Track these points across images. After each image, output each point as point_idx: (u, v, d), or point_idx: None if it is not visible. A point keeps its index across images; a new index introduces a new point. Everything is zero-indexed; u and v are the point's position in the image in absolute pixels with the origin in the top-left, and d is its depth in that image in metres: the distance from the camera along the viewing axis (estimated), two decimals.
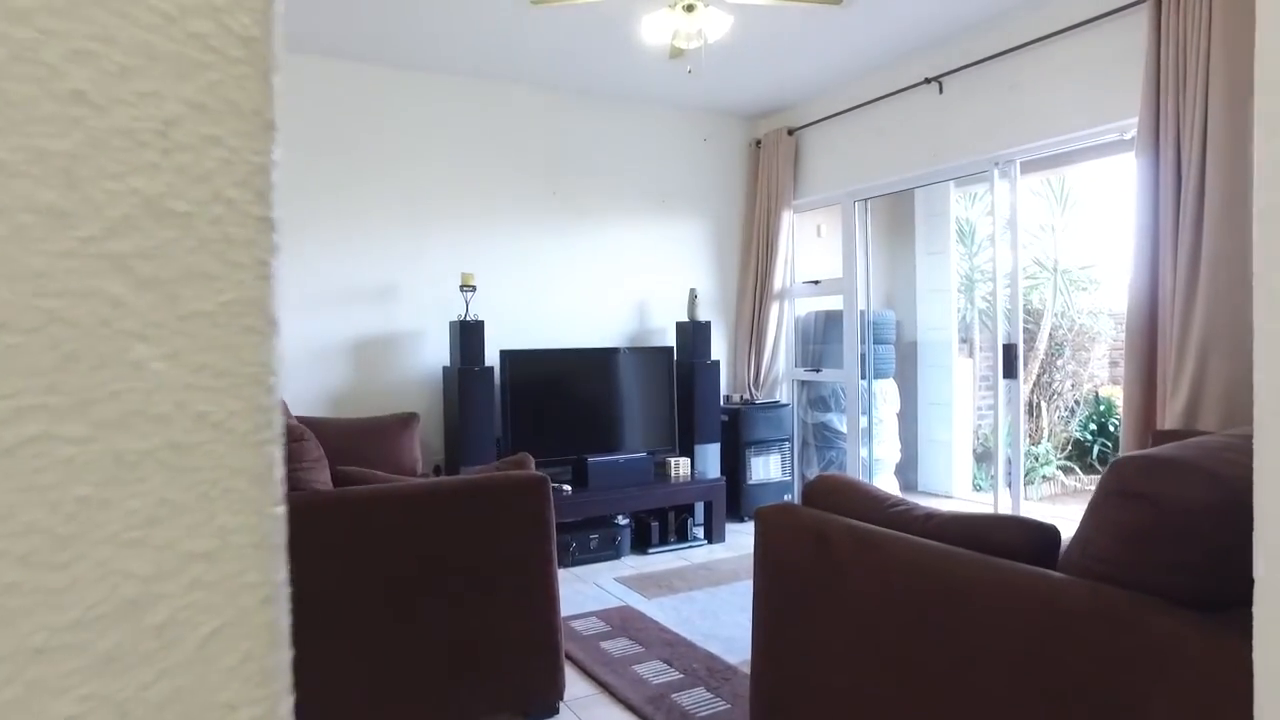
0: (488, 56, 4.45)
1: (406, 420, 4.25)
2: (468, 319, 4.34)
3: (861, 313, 5.13)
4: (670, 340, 5.33)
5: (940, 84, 4.32)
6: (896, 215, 6.10)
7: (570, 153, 5.05)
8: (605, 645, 3.02)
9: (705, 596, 3.61)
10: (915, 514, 1.55)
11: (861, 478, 5.03)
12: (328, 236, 4.39)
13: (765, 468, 5.18)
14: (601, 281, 5.15)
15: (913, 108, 4.52)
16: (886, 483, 5.46)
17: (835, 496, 1.76)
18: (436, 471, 4.63)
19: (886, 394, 5.54)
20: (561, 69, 4.66)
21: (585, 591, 3.75)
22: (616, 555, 4.31)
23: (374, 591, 2.09)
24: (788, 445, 5.27)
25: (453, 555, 2.22)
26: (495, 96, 4.82)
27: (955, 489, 5.75)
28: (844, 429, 5.32)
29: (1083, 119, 3.67)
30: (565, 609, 3.48)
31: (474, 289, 4.49)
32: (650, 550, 4.44)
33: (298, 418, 4.03)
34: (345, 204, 4.43)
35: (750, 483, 5.11)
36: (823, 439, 5.53)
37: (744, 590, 3.64)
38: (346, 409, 4.42)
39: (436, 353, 4.66)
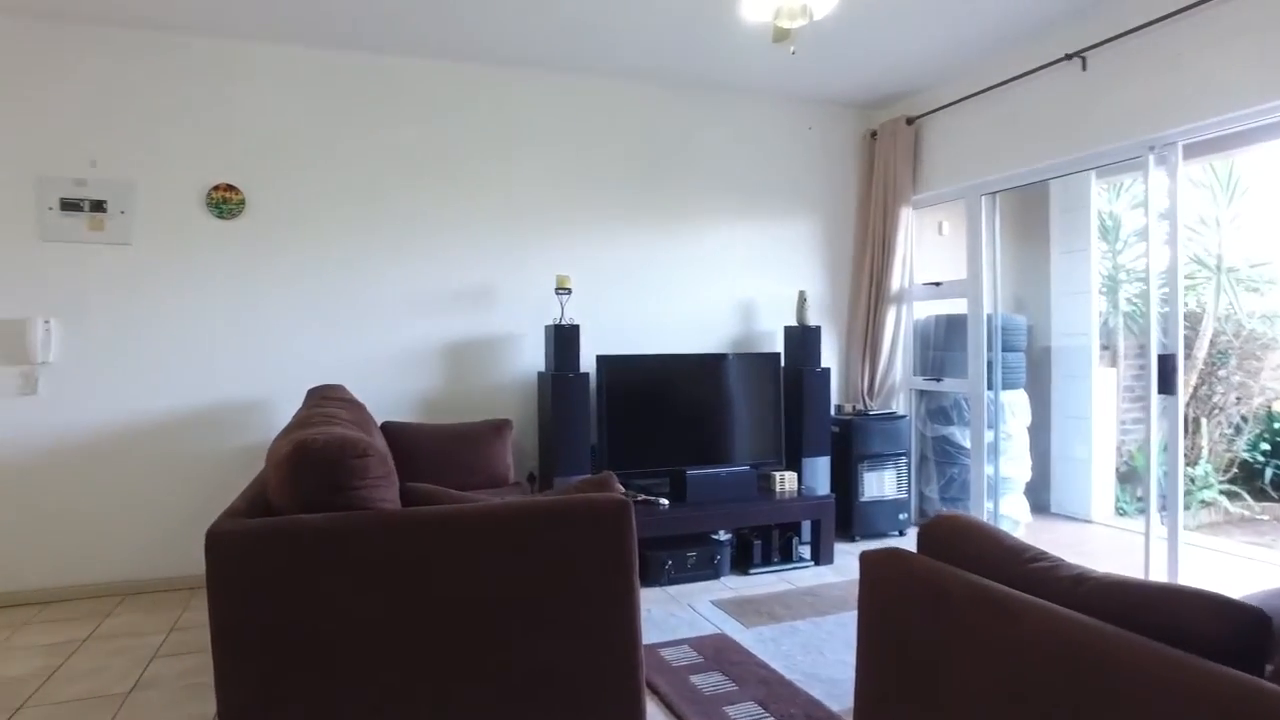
0: (581, 50, 4.30)
1: (499, 427, 4.16)
2: (563, 323, 4.20)
3: (988, 317, 4.68)
4: (777, 346, 5.04)
5: (1084, 59, 3.85)
6: (1028, 210, 5.57)
7: (670, 149, 4.84)
8: (695, 680, 2.79)
9: (809, 628, 3.31)
10: (1062, 574, 1.25)
11: (987, 500, 4.58)
12: (423, 239, 4.35)
13: (879, 484, 4.81)
14: (703, 284, 4.92)
15: (1051, 88, 4.06)
16: (1015, 504, 4.97)
17: (958, 543, 1.47)
18: (530, 480, 4.52)
19: (1016, 406, 5.05)
20: (658, 60, 4.45)
21: (679, 615, 3.53)
22: (715, 575, 4.07)
23: (438, 619, 1.95)
24: (904, 460, 4.87)
25: (525, 583, 2.04)
26: (591, 92, 4.67)
27: (1095, 512, 5.18)
28: (967, 444, 4.87)
29: (1258, 93, 3.15)
30: (656, 634, 3.29)
31: (569, 292, 4.36)
32: (752, 571, 4.17)
33: (388, 423, 4.01)
34: (441, 206, 4.38)
35: (862, 500, 4.76)
36: (943, 454, 5.09)
37: (853, 623, 3.33)
38: (440, 414, 4.37)
39: (532, 358, 4.56)
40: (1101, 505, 5.19)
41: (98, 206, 3.85)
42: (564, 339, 4.18)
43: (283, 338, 4.13)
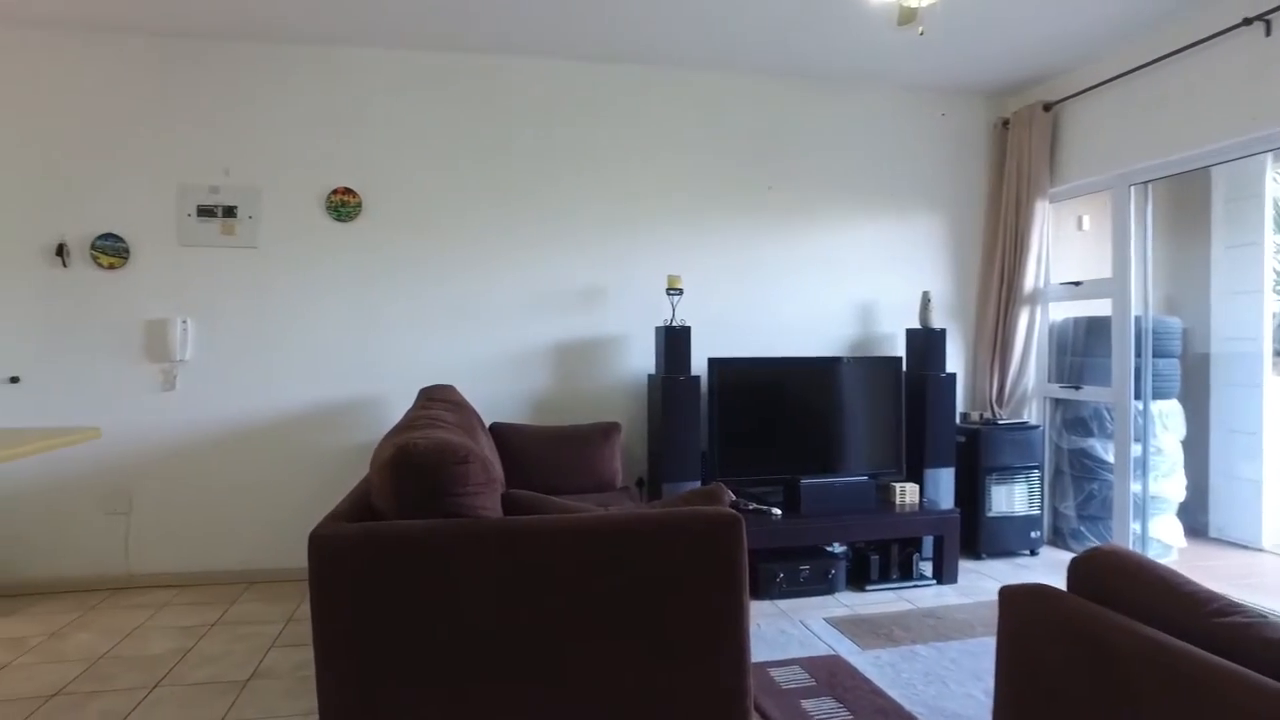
0: (696, 45, 4.18)
1: (608, 430, 4.10)
2: (674, 324, 4.10)
3: (1137, 319, 4.26)
4: (899, 349, 4.77)
5: (1268, 23, 3.41)
6: (1184, 201, 5.05)
7: (787, 144, 4.65)
8: (807, 705, 2.63)
9: (932, 654, 3.08)
10: (1264, 634, 1.03)
11: (1133, 521, 4.17)
12: (536, 240, 4.35)
13: (1009, 499, 4.46)
14: (820, 284, 4.71)
15: (1223, 60, 3.64)
16: (1167, 527, 4.51)
17: (1120, 584, 1.27)
18: (638, 485, 4.45)
19: (1168, 417, 4.58)
20: (774, 53, 4.28)
21: (790, 632, 3.36)
22: (829, 590, 3.87)
23: (535, 632, 1.88)
24: (1037, 474, 4.50)
25: (628, 598, 1.95)
26: (705, 88, 4.54)
27: (1265, 539, 4.64)
28: (1110, 458, 4.46)
29: None
30: (765, 651, 3.13)
31: (681, 292, 4.26)
32: (868, 587, 3.94)
33: (497, 424, 4.01)
34: (553, 206, 4.37)
35: (989, 515, 4.43)
36: (1082, 468, 4.68)
37: (980, 651, 3.07)
38: (549, 415, 4.36)
39: (641, 360, 4.48)
40: (1274, 531, 4.64)
41: (229, 212, 4.04)
42: (675, 341, 4.07)
43: (396, 338, 4.22)
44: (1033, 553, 4.51)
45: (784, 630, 3.37)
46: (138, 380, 4.00)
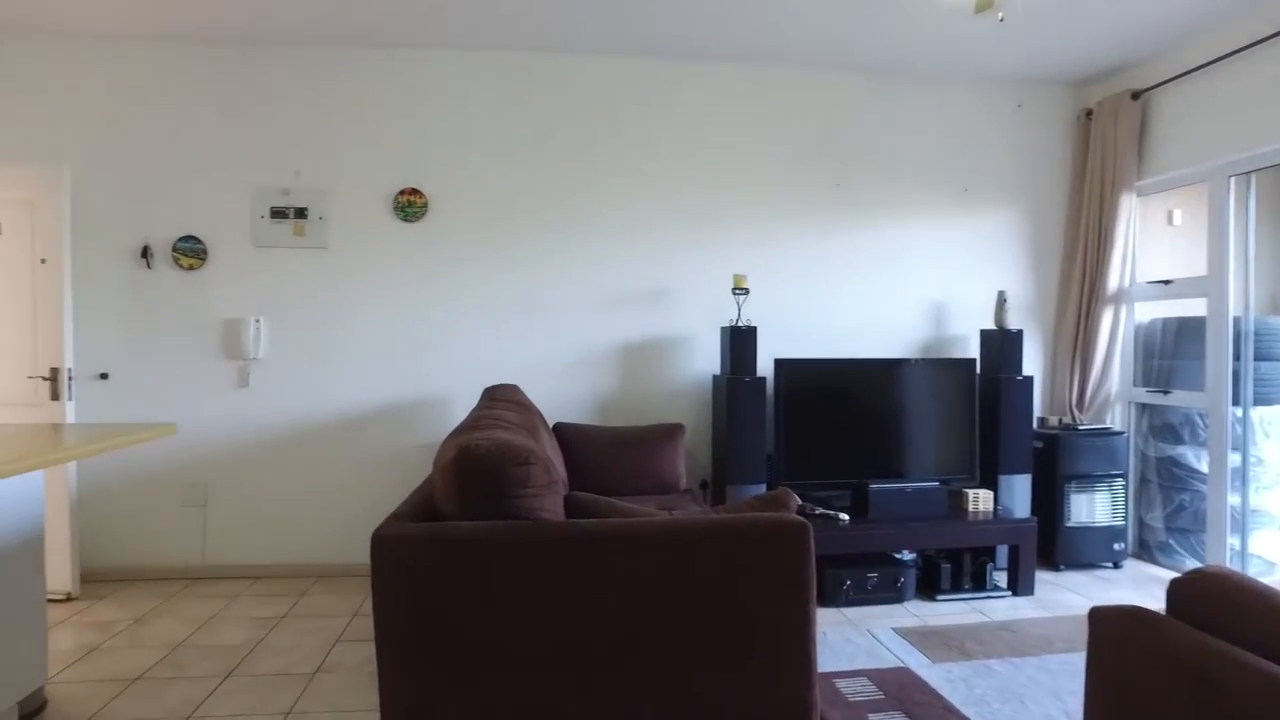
0: (761, 40, 4.10)
1: (671, 431, 4.05)
2: (739, 324, 4.03)
3: (1236, 319, 4.00)
4: (972, 351, 4.60)
5: None
6: None
7: (856, 139, 4.53)
8: None
9: (1007, 670, 2.94)
10: None
11: (1230, 535, 3.93)
12: (599, 239, 4.33)
13: (1089, 508, 4.25)
14: (890, 284, 4.57)
15: None
16: (1269, 542, 4.22)
17: (1228, 612, 1.16)
18: (702, 487, 4.39)
19: (1272, 425, 4.30)
20: (843, 45, 4.17)
21: (857, 641, 3.26)
22: (898, 599, 3.74)
23: (596, 637, 1.84)
24: (1120, 482, 4.28)
25: (690, 605, 1.90)
26: (770, 83, 4.45)
27: None
28: (1203, 467, 4.21)
29: None
30: (831, 661, 3.04)
31: (746, 292, 4.18)
32: (939, 597, 3.80)
33: (560, 424, 4.01)
34: (617, 205, 4.34)
35: (1068, 525, 4.23)
36: (1171, 478, 4.43)
37: (1060, 669, 2.92)
38: (612, 416, 4.34)
39: (706, 360, 4.42)
40: None
41: (300, 213, 4.13)
42: (740, 341, 4.00)
43: (461, 337, 4.25)
44: (1116, 565, 4.29)
45: (850, 639, 3.28)
46: (214, 377, 4.13)
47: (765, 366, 4.35)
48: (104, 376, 4.08)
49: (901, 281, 4.58)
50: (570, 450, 3.88)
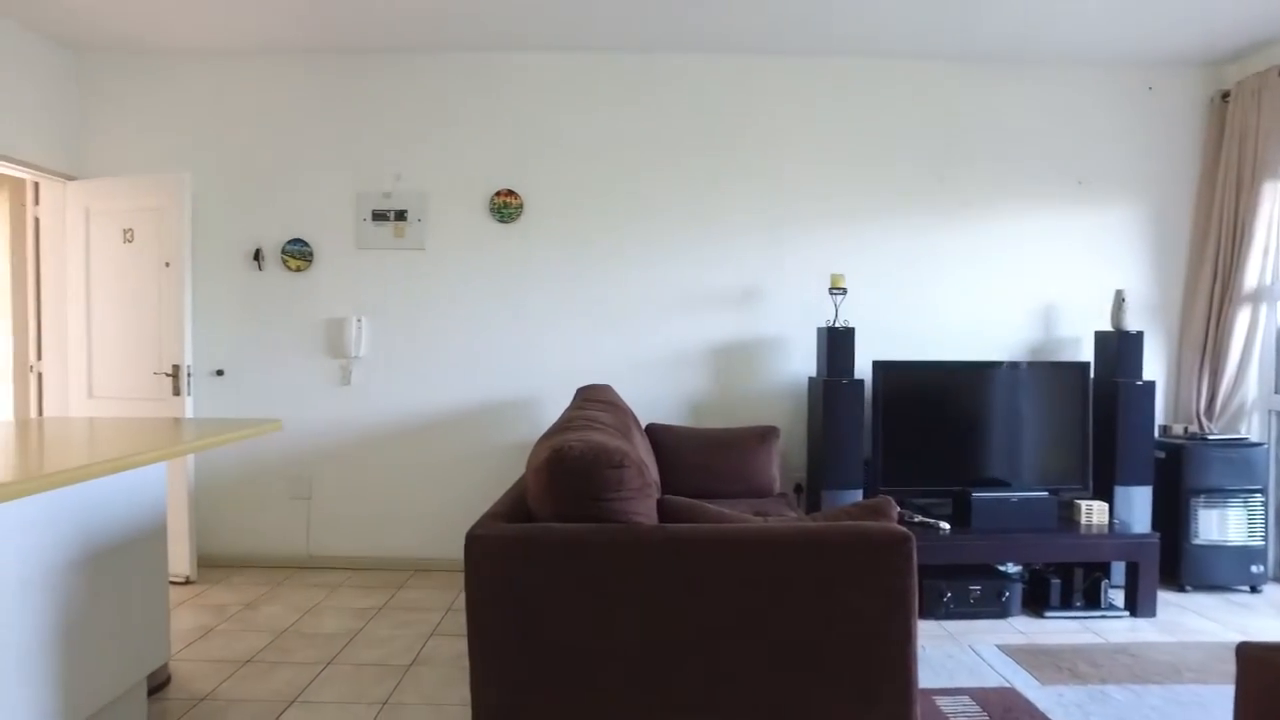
0: (855, 31, 3.96)
1: (765, 434, 3.97)
2: (836, 325, 3.92)
3: None
4: (1086, 354, 4.33)
5: None
6: None
7: (960, 131, 4.33)
8: None
9: (1127, 698, 2.74)
10: None
11: None
12: (693, 239, 4.28)
13: (1220, 525, 3.94)
14: (996, 283, 4.35)
15: None
16: None
17: None
18: (796, 491, 4.29)
19: None
20: (946, 32, 3.99)
21: (958, 657, 3.10)
22: (1002, 614, 3.56)
23: (688, 644, 1.80)
24: (1258, 497, 3.94)
25: (786, 615, 1.83)
26: (867, 75, 4.30)
27: None
28: None
29: None
30: (930, 677, 2.91)
31: (844, 292, 4.06)
32: (1048, 614, 3.59)
33: (653, 425, 3.98)
34: (711, 205, 4.29)
35: (1195, 542, 3.93)
36: None
37: (1190, 700, 2.71)
38: (705, 418, 4.29)
39: (802, 362, 4.31)
40: None
41: (400, 216, 4.25)
42: (837, 342, 3.89)
43: (555, 336, 4.28)
44: (1254, 589, 3.96)
45: (951, 655, 3.13)
46: (318, 375, 4.29)
47: (863, 368, 4.21)
48: (219, 373, 4.30)
49: (1008, 280, 4.36)
50: (662, 451, 3.85)
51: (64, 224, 4.20)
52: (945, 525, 3.67)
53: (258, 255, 4.27)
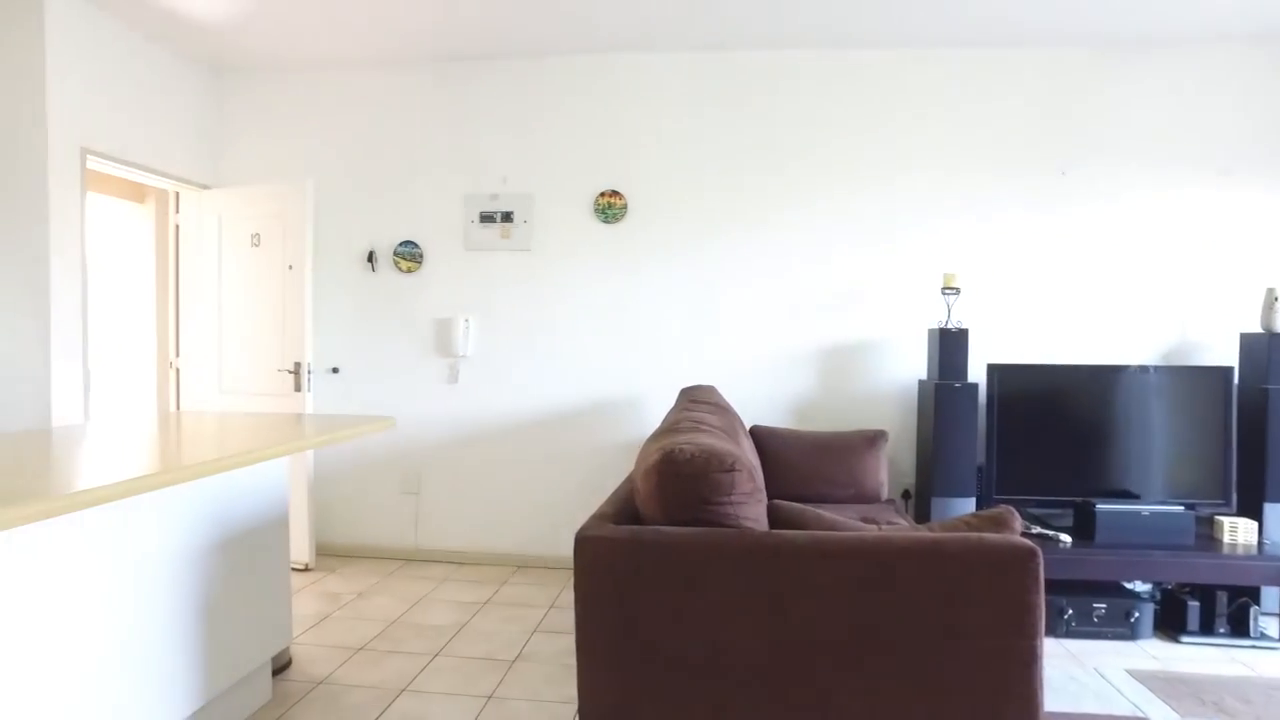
0: (963, 11, 3.78)
1: (873, 438, 3.85)
2: (949, 326, 3.76)
3: None
4: (1229, 358, 4.01)
5: None
6: None
7: (1083, 119, 4.08)
8: None
9: None
10: None
11: None
12: (797, 237, 4.20)
13: None
14: (1121, 280, 4.08)
15: None
16: None
17: None
18: (904, 497, 4.14)
19: None
20: (1069, 14, 3.76)
21: (1081, 680, 2.92)
22: (1130, 636, 3.33)
23: (799, 656, 1.75)
24: None
25: (901, 629, 1.76)
26: (982, 64, 4.11)
27: None
28: None
29: None
30: (1053, 700, 2.74)
31: (957, 291, 3.89)
32: (1184, 639, 3.34)
33: (756, 427, 3.92)
34: (815, 202, 4.19)
35: None
36: None
37: None
38: (809, 420, 4.19)
39: (911, 364, 4.16)
40: None
41: (506, 217, 4.34)
42: (950, 344, 3.74)
43: (658, 336, 4.28)
44: None
45: (1074, 677, 2.94)
46: (427, 373, 4.43)
47: (977, 371, 4.03)
48: (335, 370, 4.49)
49: (1135, 277, 4.08)
50: (766, 454, 3.79)
51: (200, 230, 4.48)
52: (1065, 538, 3.47)
53: (371, 257, 4.44)
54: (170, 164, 4.23)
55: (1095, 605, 3.35)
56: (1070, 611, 3.35)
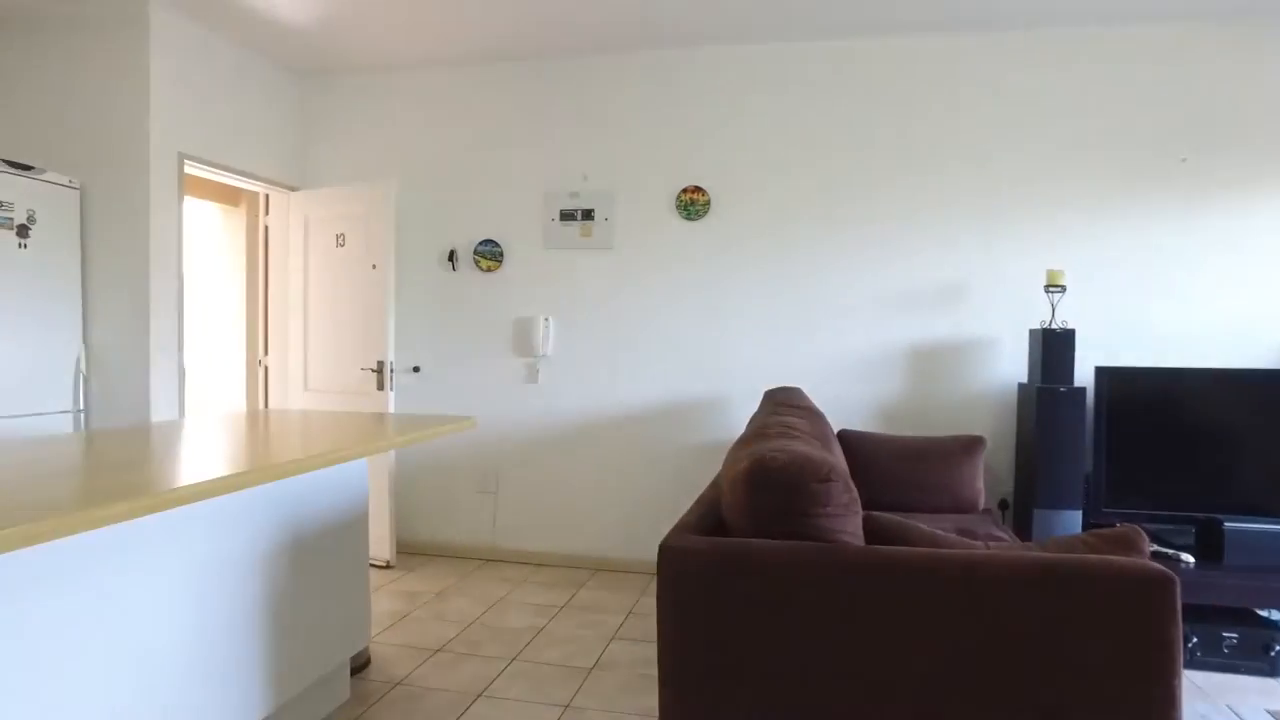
0: None
1: (970, 445, 3.63)
2: (1053, 327, 3.51)
3: None
4: None
5: None
6: None
7: (1208, 105, 3.75)
8: None
9: None
10: None
11: None
12: (888, 234, 3.99)
13: None
14: (1246, 278, 3.73)
15: None
16: None
17: None
18: (1002, 507, 3.90)
19: None
20: None
21: (1210, 716, 2.65)
22: (1270, 671, 3.01)
23: (897, 681, 1.60)
24: None
25: (1012, 657, 1.59)
26: (1092, 45, 3.82)
27: None
28: None
29: None
30: None
31: (1063, 290, 3.63)
32: None
33: (845, 431, 3.74)
34: (908, 197, 3.98)
35: None
36: None
37: None
38: (901, 425, 3.98)
39: (1011, 367, 3.91)
40: None
41: (587, 215, 4.27)
42: (1054, 345, 3.48)
43: (742, 336, 4.14)
44: None
45: (1204, 715, 2.67)
46: (507, 372, 4.40)
47: (1083, 375, 3.75)
48: (416, 369, 4.52)
49: (1262, 275, 3.72)
50: (855, 459, 3.61)
51: (287, 231, 4.57)
52: (1188, 558, 3.18)
53: (451, 256, 4.44)
54: (260, 166, 4.33)
55: (1226, 635, 3.05)
56: (1195, 640, 3.06)
